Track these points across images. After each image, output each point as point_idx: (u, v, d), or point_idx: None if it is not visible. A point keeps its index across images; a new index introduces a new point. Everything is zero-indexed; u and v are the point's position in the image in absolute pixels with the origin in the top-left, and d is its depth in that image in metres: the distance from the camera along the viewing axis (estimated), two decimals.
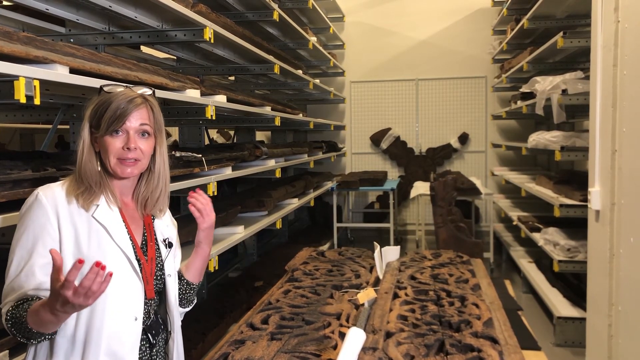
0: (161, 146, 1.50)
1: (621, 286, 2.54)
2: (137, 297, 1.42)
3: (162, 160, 1.51)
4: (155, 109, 1.48)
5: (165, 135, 1.52)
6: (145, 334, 1.46)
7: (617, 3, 2.57)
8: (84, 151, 1.41)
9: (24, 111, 2.95)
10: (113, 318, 1.37)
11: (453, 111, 7.72)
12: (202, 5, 3.15)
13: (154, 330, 1.48)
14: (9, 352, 1.76)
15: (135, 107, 1.41)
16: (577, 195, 3.92)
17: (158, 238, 1.55)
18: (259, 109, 4.11)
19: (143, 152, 1.43)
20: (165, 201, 1.55)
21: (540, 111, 4.28)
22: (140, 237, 1.49)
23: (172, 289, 1.53)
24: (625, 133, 2.51)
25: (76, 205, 1.38)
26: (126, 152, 1.40)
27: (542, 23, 5.13)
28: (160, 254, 1.53)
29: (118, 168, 1.41)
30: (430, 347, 1.71)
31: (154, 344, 1.48)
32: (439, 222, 4.98)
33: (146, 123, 1.43)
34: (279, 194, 4.52)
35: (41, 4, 2.63)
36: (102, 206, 1.41)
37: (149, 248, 1.49)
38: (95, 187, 1.40)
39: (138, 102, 1.42)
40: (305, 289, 2.36)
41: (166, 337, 1.54)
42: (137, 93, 1.45)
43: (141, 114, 1.42)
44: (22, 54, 1.67)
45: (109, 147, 1.40)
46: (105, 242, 1.38)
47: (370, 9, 7.85)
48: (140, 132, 1.42)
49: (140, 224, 1.51)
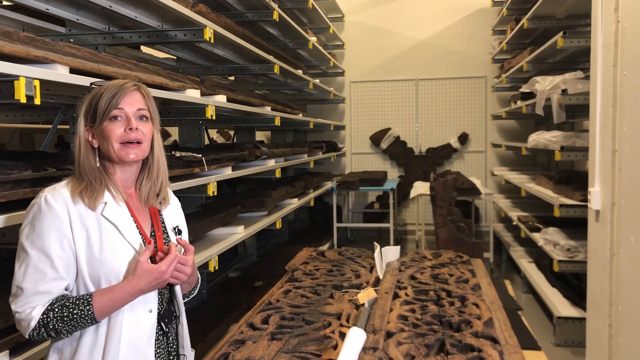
0: (157, 133, 1.52)
1: (621, 286, 2.54)
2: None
3: (159, 148, 1.52)
4: (148, 95, 1.49)
5: (159, 124, 1.54)
6: (159, 324, 1.48)
7: (617, 3, 2.57)
8: (81, 148, 1.42)
9: (23, 111, 2.95)
10: (130, 312, 1.40)
11: (453, 111, 7.72)
12: (202, 5, 3.15)
13: (167, 319, 1.51)
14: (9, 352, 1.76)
15: (129, 89, 1.43)
16: (577, 195, 3.92)
17: (167, 227, 1.56)
18: (259, 109, 4.11)
19: (145, 134, 1.44)
20: (166, 189, 1.56)
21: (540, 111, 4.28)
22: (148, 228, 1.51)
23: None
24: (625, 133, 2.51)
25: (83, 205, 1.38)
26: (128, 134, 1.40)
27: (542, 23, 5.13)
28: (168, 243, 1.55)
29: (122, 152, 1.41)
30: (431, 347, 1.71)
31: (167, 332, 1.51)
32: (439, 222, 4.98)
33: (143, 107, 1.45)
34: (279, 194, 4.51)
35: (41, 4, 2.63)
36: (109, 203, 1.42)
37: (157, 238, 1.51)
38: (96, 183, 1.41)
39: (130, 86, 1.44)
40: (305, 289, 2.36)
41: (176, 323, 1.56)
42: (127, 80, 1.48)
43: (136, 98, 1.44)
44: (22, 54, 1.67)
45: (110, 133, 1.40)
46: (117, 241, 1.40)
47: (370, 9, 7.85)
48: (138, 116, 1.44)
49: (146, 215, 1.52)
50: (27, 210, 1.39)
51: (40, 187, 1.79)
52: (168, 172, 1.58)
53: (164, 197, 1.56)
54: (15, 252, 1.37)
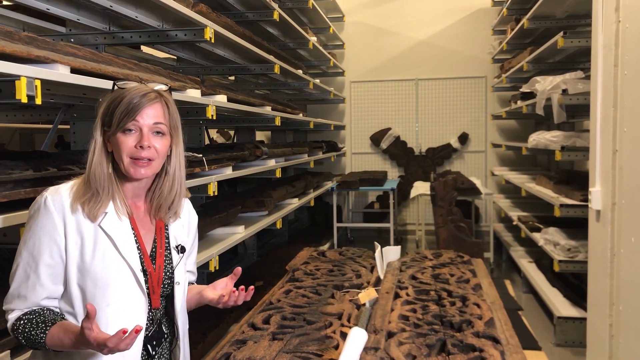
0: (177, 146, 1.43)
1: (622, 286, 2.54)
2: (140, 310, 1.38)
3: (177, 161, 1.44)
4: (171, 106, 1.41)
5: (181, 134, 1.45)
6: (144, 347, 1.40)
7: (618, 3, 2.57)
8: (95, 151, 1.35)
9: (24, 111, 2.95)
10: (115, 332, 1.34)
11: (453, 111, 7.72)
12: (203, 5, 3.15)
13: (155, 341, 1.44)
14: (10, 352, 1.76)
15: (148, 102, 1.34)
16: (577, 195, 3.92)
17: (171, 243, 1.49)
18: (259, 109, 4.11)
19: (158, 152, 1.36)
20: (180, 204, 1.49)
21: (540, 111, 4.28)
22: (150, 243, 1.44)
23: (179, 297, 1.49)
24: (626, 133, 2.51)
25: (82, 215, 1.33)
26: (139, 151, 1.33)
27: (542, 23, 5.13)
28: (170, 261, 1.48)
29: (131, 168, 1.34)
30: (432, 347, 1.71)
31: (153, 356, 1.43)
32: (439, 222, 4.98)
33: (160, 122, 1.36)
34: (279, 194, 4.51)
35: (42, 4, 2.63)
36: (110, 215, 1.35)
37: (157, 256, 1.44)
38: (103, 193, 1.34)
39: (152, 97, 1.35)
40: (306, 289, 2.35)
41: (171, 342, 1.51)
42: (150, 88, 1.38)
43: (155, 111, 1.35)
44: (23, 53, 1.67)
45: (122, 146, 1.33)
46: (110, 254, 1.34)
47: (370, 9, 7.85)
48: (154, 131, 1.35)
49: (151, 229, 1.45)
50: (29, 209, 1.37)
51: (41, 187, 1.79)
52: None
53: (176, 211, 1.49)
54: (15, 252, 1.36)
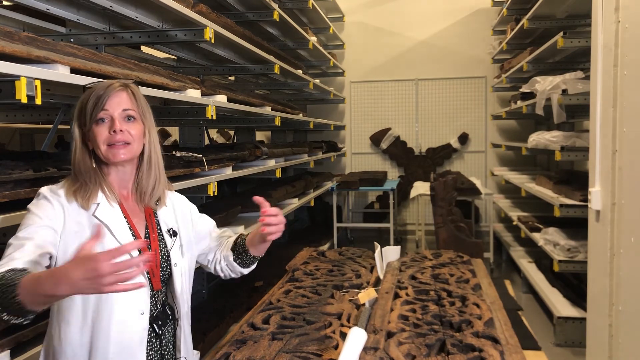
0: (150, 132, 1.50)
1: (622, 286, 2.54)
2: (143, 292, 1.44)
3: (153, 147, 1.51)
4: (137, 94, 1.48)
5: (153, 122, 1.53)
6: (151, 326, 1.47)
7: (618, 3, 2.57)
8: (77, 150, 1.44)
9: (24, 111, 2.95)
10: (120, 315, 1.39)
11: (453, 111, 7.72)
12: (203, 5, 3.15)
13: (160, 321, 1.50)
14: (10, 352, 1.76)
15: (113, 90, 1.42)
16: (577, 195, 3.92)
17: (162, 228, 1.55)
18: (259, 109, 4.11)
19: (132, 135, 1.43)
20: (161, 189, 1.55)
21: (540, 111, 4.28)
22: (143, 229, 1.51)
23: (177, 279, 1.54)
24: (625, 133, 2.51)
25: (77, 205, 1.40)
26: (113, 136, 1.40)
27: (542, 23, 5.13)
28: (165, 245, 1.54)
29: (110, 154, 1.41)
30: (432, 347, 1.71)
31: (160, 335, 1.50)
32: (439, 222, 4.97)
33: (129, 108, 1.44)
34: (279, 194, 4.51)
35: (42, 4, 2.63)
36: (102, 204, 1.43)
37: (152, 240, 1.50)
38: (90, 182, 1.42)
39: (116, 86, 1.44)
40: (306, 289, 2.35)
41: (174, 326, 1.55)
42: (115, 81, 1.47)
43: (121, 99, 1.43)
44: (23, 54, 1.67)
45: (97, 137, 1.41)
46: (107, 241, 1.39)
47: (370, 9, 7.85)
48: (124, 117, 1.43)
49: (141, 217, 1.52)
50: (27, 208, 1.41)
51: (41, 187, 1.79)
52: (169, 172, 1.58)
53: (159, 197, 1.55)
54: None
